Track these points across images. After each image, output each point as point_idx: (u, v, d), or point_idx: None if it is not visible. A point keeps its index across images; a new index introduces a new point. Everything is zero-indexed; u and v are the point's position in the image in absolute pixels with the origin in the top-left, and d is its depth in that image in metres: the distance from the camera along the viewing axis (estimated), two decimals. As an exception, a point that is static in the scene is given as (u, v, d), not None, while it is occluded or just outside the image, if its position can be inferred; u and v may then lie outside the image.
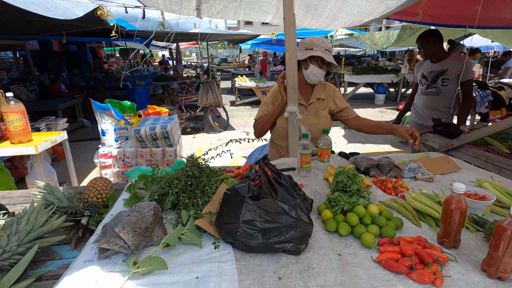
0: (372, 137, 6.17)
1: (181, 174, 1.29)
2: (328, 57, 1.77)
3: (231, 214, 0.99)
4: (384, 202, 1.31)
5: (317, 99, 1.96)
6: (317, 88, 1.97)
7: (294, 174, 1.67)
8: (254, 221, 0.96)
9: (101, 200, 1.52)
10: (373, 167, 1.64)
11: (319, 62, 1.79)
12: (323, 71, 1.81)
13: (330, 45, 1.82)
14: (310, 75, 1.83)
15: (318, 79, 1.84)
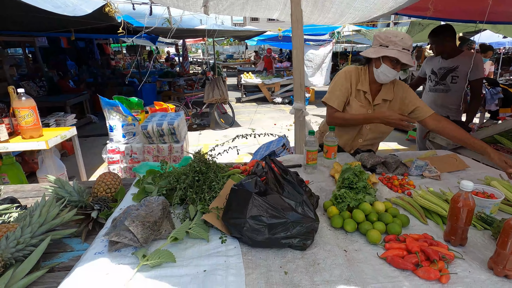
0: (379, 134, 6.13)
1: (188, 170, 1.31)
2: (405, 58, 1.58)
3: (238, 209, 1.01)
4: (390, 200, 1.31)
5: (383, 100, 1.80)
6: (385, 87, 1.80)
7: (300, 171, 1.67)
8: (261, 217, 0.97)
9: (110, 195, 1.55)
10: (380, 164, 1.64)
11: (393, 62, 1.62)
12: (396, 72, 1.64)
13: (410, 42, 1.61)
14: (381, 75, 1.68)
15: (389, 80, 1.70)
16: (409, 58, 1.60)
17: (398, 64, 1.63)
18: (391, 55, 1.58)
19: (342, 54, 11.59)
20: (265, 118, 7.83)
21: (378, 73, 1.68)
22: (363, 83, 1.78)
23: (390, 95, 1.82)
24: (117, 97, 3.20)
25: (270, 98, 9.67)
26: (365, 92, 1.80)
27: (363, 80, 1.79)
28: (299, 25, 1.60)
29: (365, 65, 1.82)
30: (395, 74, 1.65)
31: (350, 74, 1.80)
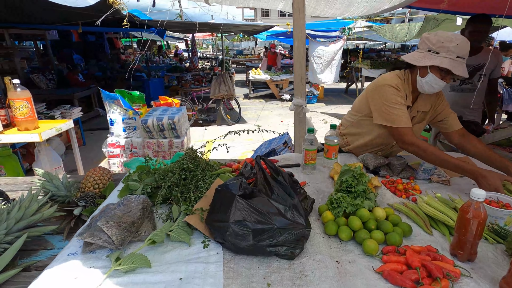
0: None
1: (176, 167, 1.23)
2: (459, 69, 1.32)
3: (221, 212, 0.92)
4: (392, 205, 1.20)
5: (418, 111, 1.58)
6: (423, 96, 1.56)
7: (298, 170, 1.58)
8: (245, 221, 0.89)
9: (98, 190, 1.49)
10: (384, 166, 1.53)
11: (443, 72, 1.37)
12: (444, 83, 1.40)
13: (467, 49, 1.34)
14: (425, 86, 1.44)
15: (435, 91, 1.45)
16: (463, 68, 1.34)
17: (448, 75, 1.38)
18: (442, 66, 1.33)
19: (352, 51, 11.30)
20: (272, 115, 7.72)
21: (423, 83, 1.44)
22: (408, 97, 1.52)
23: (427, 106, 1.58)
24: (118, 91, 3.16)
25: (278, 95, 9.54)
26: (409, 107, 1.54)
27: (408, 93, 1.52)
28: (301, 14, 1.49)
29: (406, 71, 1.55)
30: (442, 85, 1.41)
31: (399, 87, 1.49)
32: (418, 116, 1.61)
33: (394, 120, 1.46)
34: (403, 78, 1.53)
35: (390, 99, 1.47)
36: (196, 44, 12.18)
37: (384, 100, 1.49)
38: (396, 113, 1.46)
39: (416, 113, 1.57)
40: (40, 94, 6.35)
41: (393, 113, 1.46)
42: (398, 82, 1.50)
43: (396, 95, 1.47)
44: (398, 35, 5.78)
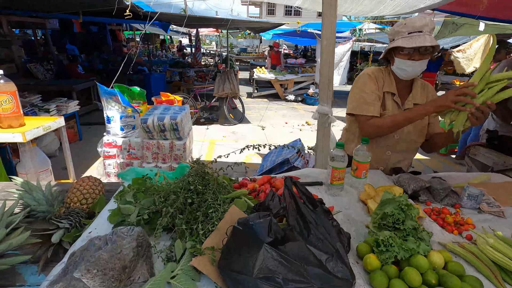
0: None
1: (180, 187, 1.00)
2: (413, 42, 1.31)
3: (241, 260, 0.70)
4: (446, 246, 0.98)
5: (415, 104, 1.53)
6: (417, 89, 1.56)
7: (321, 190, 1.35)
8: (274, 277, 0.66)
9: (85, 206, 1.26)
10: (423, 190, 1.30)
11: (408, 52, 1.37)
12: (412, 62, 1.37)
13: (420, 23, 1.33)
14: (398, 71, 1.47)
15: (410, 74, 1.44)
16: (420, 39, 1.31)
17: (413, 53, 1.36)
18: (395, 45, 1.38)
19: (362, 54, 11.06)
20: (276, 115, 7.48)
21: (396, 69, 1.48)
22: (389, 84, 1.54)
23: (422, 99, 1.56)
24: (117, 86, 2.92)
25: (283, 95, 9.30)
26: (393, 94, 1.54)
27: (388, 81, 1.55)
28: (332, 11, 1.26)
29: (387, 66, 1.58)
30: (413, 65, 1.38)
31: (374, 75, 1.55)
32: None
33: (360, 108, 1.50)
34: (385, 71, 1.57)
35: (362, 88, 1.52)
36: (200, 39, 11.92)
37: (357, 89, 1.54)
38: (364, 101, 1.49)
39: (411, 105, 1.54)
40: (37, 84, 6.11)
41: (361, 100, 1.50)
42: (375, 71, 1.55)
43: (370, 81, 1.52)
44: (412, 39, 5.53)
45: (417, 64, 1.39)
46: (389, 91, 1.53)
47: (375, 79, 1.53)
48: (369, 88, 1.51)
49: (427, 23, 1.33)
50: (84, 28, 10.13)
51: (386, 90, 1.53)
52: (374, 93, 1.51)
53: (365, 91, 1.51)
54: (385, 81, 1.55)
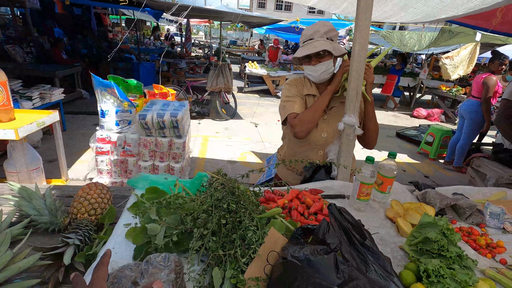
0: (387, 144, 5.81)
1: (210, 205, 0.91)
2: (304, 50, 1.44)
3: (299, 300, 0.62)
4: (484, 273, 0.95)
5: (341, 102, 1.56)
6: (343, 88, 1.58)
7: (344, 204, 1.30)
8: (341, 322, 0.59)
9: (94, 218, 1.15)
10: (449, 208, 1.28)
11: (306, 60, 1.51)
12: (312, 67, 1.49)
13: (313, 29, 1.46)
14: (308, 76, 1.59)
15: (318, 77, 1.53)
16: (311, 46, 1.44)
17: (312, 59, 1.48)
18: (296, 56, 1.53)
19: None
20: (268, 112, 7.41)
21: (307, 75, 1.60)
22: (309, 88, 1.63)
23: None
24: (112, 77, 2.73)
25: (274, 91, 9.23)
26: (314, 96, 1.61)
27: (309, 86, 1.63)
28: (368, 14, 1.20)
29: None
30: (314, 69, 1.50)
31: (293, 82, 1.66)
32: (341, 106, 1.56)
33: (287, 110, 1.57)
34: (305, 79, 1.66)
35: (286, 94, 1.63)
36: (190, 29, 11.57)
37: (282, 97, 1.65)
38: (288, 103, 1.58)
39: (338, 103, 1.59)
40: (16, 68, 5.68)
41: (287, 103, 1.59)
42: (294, 80, 1.67)
43: (288, 90, 1.63)
44: (407, 44, 5.60)
45: (317, 68, 1.48)
46: (310, 94, 1.61)
47: (294, 85, 1.64)
48: (289, 92, 1.62)
49: (318, 30, 1.45)
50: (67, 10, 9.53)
51: (307, 93, 1.62)
52: (296, 96, 1.60)
53: (287, 95, 1.62)
54: (305, 86, 1.64)
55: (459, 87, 8.26)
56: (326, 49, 1.41)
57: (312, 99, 1.60)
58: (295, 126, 1.51)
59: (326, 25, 1.47)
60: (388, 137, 6.22)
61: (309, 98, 1.62)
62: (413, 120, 8.10)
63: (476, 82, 4.35)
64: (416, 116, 8.47)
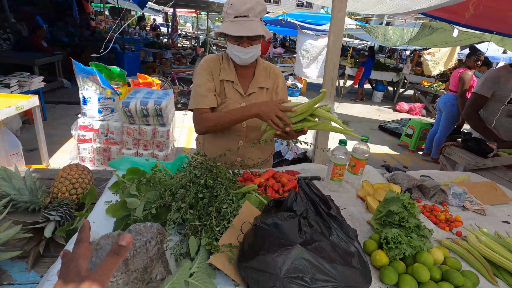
0: (370, 136, 5.98)
1: (188, 181, 0.96)
2: (238, 29, 1.23)
3: (267, 260, 0.68)
4: (442, 243, 1.05)
5: (260, 88, 1.48)
6: (260, 72, 1.49)
7: (320, 185, 1.37)
8: (303, 277, 0.66)
9: (75, 197, 1.17)
10: (415, 188, 1.38)
11: (235, 38, 1.29)
12: (243, 48, 1.30)
13: (249, 5, 1.23)
14: (232, 56, 1.38)
15: (244, 60, 1.36)
16: (247, 27, 1.24)
17: (244, 39, 1.29)
18: (220, 31, 1.30)
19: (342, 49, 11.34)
20: (255, 105, 7.44)
21: (230, 54, 1.39)
22: (227, 72, 1.44)
23: (267, 82, 1.49)
24: (95, 64, 2.69)
25: (261, 84, 9.26)
26: (232, 82, 1.45)
27: (226, 68, 1.45)
28: (343, 4, 1.25)
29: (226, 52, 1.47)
30: (242, 51, 1.31)
31: (208, 64, 1.44)
32: (259, 92, 1.49)
33: (195, 103, 1.41)
34: (223, 57, 1.48)
35: (197, 80, 1.44)
36: (177, 19, 11.37)
37: (194, 83, 1.46)
38: (199, 94, 1.40)
39: (256, 89, 1.47)
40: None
41: (195, 94, 1.42)
42: (211, 60, 1.46)
43: (201, 76, 1.43)
44: (390, 39, 5.75)
45: (248, 50, 1.32)
46: (228, 80, 1.44)
47: (208, 68, 1.43)
48: (200, 80, 1.42)
49: (253, 7, 1.25)
50: (47, -5, 9.16)
51: (223, 79, 1.44)
52: (206, 85, 1.41)
53: (198, 83, 1.43)
54: (222, 68, 1.45)
55: (440, 83, 8.54)
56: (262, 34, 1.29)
57: (230, 85, 1.45)
58: (198, 124, 1.40)
59: (260, 3, 1.28)
60: (371, 130, 6.39)
61: (227, 85, 1.45)
62: (396, 114, 8.33)
63: (454, 77, 4.53)
64: (399, 110, 8.71)
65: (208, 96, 1.40)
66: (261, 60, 1.52)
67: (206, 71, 1.43)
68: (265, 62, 1.55)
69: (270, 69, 1.54)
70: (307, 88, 9.62)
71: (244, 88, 1.47)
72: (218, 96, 1.45)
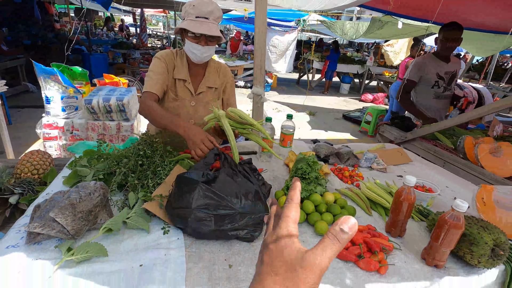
0: (334, 125, 6.38)
1: (131, 153, 1.18)
2: (199, 28, 1.32)
3: (183, 199, 0.92)
4: (340, 190, 1.34)
5: (208, 87, 1.58)
6: (210, 72, 1.58)
7: (255, 158, 1.63)
8: (208, 207, 0.91)
9: (37, 176, 1.35)
10: (333, 155, 1.67)
11: (195, 36, 1.38)
12: (201, 47, 1.39)
13: (209, 8, 1.34)
14: (189, 53, 1.45)
15: (201, 58, 1.44)
16: (207, 27, 1.34)
17: (201, 37, 1.38)
18: (183, 26, 1.36)
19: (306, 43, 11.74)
20: (226, 101, 7.64)
21: (187, 51, 1.46)
22: (180, 70, 1.52)
23: (216, 82, 1.60)
24: (56, 65, 2.80)
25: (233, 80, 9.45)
26: (184, 81, 1.54)
27: (180, 66, 1.52)
28: (263, 4, 1.51)
29: (181, 49, 1.56)
30: (200, 49, 1.40)
31: (164, 58, 1.50)
32: (208, 91, 1.59)
33: (146, 86, 1.46)
34: (177, 54, 1.55)
35: (152, 65, 1.50)
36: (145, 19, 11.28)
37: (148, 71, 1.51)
38: (151, 79, 1.46)
39: (205, 88, 1.57)
40: None
41: (149, 79, 1.47)
42: (166, 55, 1.51)
43: (157, 64, 1.48)
44: (347, 33, 6.16)
45: (205, 50, 1.40)
46: (180, 78, 1.52)
47: (164, 62, 1.49)
48: (156, 68, 1.47)
49: (213, 11, 1.35)
50: (5, -3, 8.82)
51: (177, 77, 1.51)
52: (160, 74, 1.47)
53: (153, 70, 1.48)
54: (176, 65, 1.52)
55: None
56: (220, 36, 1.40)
57: (182, 84, 1.53)
58: (140, 105, 1.43)
59: (219, 10, 1.40)
60: (335, 119, 6.80)
61: (179, 83, 1.53)
62: (362, 104, 8.82)
63: (402, 66, 4.98)
64: (364, 100, 9.23)
65: (158, 84, 1.45)
66: (212, 60, 1.60)
67: (163, 63, 1.48)
68: (216, 61, 1.64)
69: (220, 68, 1.64)
70: (278, 83, 9.94)
71: (195, 87, 1.57)
72: (171, 91, 1.53)
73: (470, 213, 1.21)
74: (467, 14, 3.00)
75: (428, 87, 2.66)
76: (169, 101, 1.56)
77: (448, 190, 1.47)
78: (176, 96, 1.56)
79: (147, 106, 1.39)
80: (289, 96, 8.76)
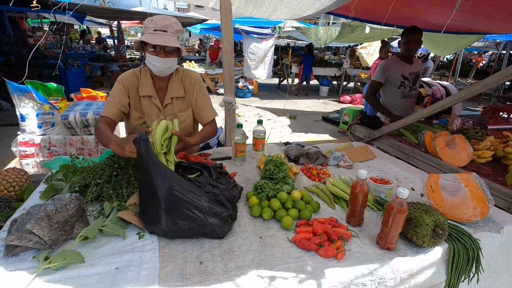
0: (314, 127, 6.56)
1: (106, 165, 1.23)
2: (157, 39, 1.36)
3: (152, 202, 0.99)
4: (307, 188, 1.44)
5: (174, 98, 1.60)
6: (173, 84, 1.60)
7: (230, 163, 1.72)
8: (179, 209, 0.98)
9: (13, 194, 1.38)
10: (303, 155, 1.77)
11: (154, 49, 1.42)
12: (160, 59, 1.42)
13: (165, 22, 1.40)
14: (150, 66, 1.49)
15: (159, 70, 1.48)
16: (165, 39, 1.38)
17: (160, 50, 1.42)
18: (142, 39, 1.40)
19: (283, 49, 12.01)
20: (208, 109, 7.68)
21: (148, 64, 1.49)
22: (144, 86, 1.56)
23: (180, 91, 1.63)
24: (30, 82, 2.79)
25: (214, 89, 9.53)
26: (150, 97, 1.58)
27: (144, 83, 1.57)
28: (228, 18, 1.61)
29: (145, 67, 1.59)
30: (160, 61, 1.43)
31: (124, 80, 1.55)
32: (175, 102, 1.62)
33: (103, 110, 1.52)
34: (141, 72, 1.59)
35: (113, 88, 1.55)
36: (123, 31, 11.22)
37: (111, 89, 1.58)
38: (109, 104, 1.52)
39: (170, 99, 1.60)
40: None
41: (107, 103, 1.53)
42: (127, 76, 1.56)
43: (117, 88, 1.53)
44: (321, 38, 6.41)
45: (164, 61, 1.43)
46: (145, 95, 1.55)
47: (126, 85, 1.54)
48: (114, 91, 1.53)
49: (171, 24, 1.41)
50: (-27, 14, 8.57)
51: (142, 94, 1.55)
52: (117, 97, 1.52)
53: (111, 94, 1.55)
54: (141, 83, 1.55)
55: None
56: (179, 47, 1.45)
57: (148, 100, 1.56)
58: (95, 129, 1.50)
59: (178, 24, 1.45)
60: (315, 121, 6.99)
61: (144, 100, 1.56)
62: (340, 106, 9.10)
63: (372, 67, 5.25)
64: (343, 101, 9.52)
65: (114, 108, 1.50)
66: (175, 71, 1.61)
67: (123, 86, 1.53)
68: (180, 71, 1.65)
69: (185, 77, 1.64)
70: (259, 89, 10.10)
71: (161, 101, 1.60)
72: (135, 111, 1.57)
73: (424, 200, 1.35)
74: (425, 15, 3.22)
75: (395, 88, 2.83)
76: (135, 120, 1.59)
77: (407, 182, 1.61)
78: (142, 114, 1.59)
79: (96, 129, 1.43)
80: (270, 101, 8.92)
